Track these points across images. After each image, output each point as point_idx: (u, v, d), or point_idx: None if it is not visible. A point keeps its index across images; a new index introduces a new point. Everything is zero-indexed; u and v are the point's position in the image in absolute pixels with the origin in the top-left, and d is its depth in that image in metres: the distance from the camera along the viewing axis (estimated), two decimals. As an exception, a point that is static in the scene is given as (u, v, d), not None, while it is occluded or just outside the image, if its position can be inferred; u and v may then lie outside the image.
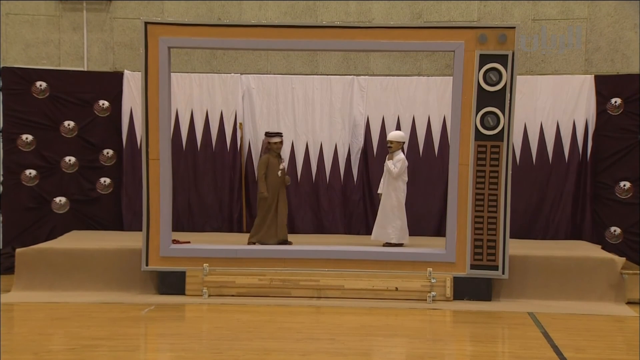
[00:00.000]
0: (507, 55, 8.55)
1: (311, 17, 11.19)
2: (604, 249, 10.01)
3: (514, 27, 8.59)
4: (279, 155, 9.71)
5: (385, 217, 9.53)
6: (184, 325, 7.85)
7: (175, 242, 9.21)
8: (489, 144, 8.62)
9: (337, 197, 11.13)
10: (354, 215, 11.13)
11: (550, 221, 10.79)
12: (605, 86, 10.59)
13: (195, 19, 11.05)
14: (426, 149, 10.97)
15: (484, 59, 8.57)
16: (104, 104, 11.03)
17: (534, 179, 10.77)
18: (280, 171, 9.59)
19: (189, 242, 9.51)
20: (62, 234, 10.44)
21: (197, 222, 11.10)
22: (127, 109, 10.94)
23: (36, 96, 10.85)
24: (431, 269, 8.68)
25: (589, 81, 10.66)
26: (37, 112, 10.84)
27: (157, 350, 7.06)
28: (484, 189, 8.65)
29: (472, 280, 8.71)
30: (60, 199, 10.93)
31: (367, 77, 11.09)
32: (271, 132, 9.82)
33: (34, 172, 10.85)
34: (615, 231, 10.65)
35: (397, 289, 8.67)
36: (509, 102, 8.58)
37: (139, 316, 7.93)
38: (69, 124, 10.95)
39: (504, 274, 8.69)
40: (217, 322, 7.89)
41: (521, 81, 9.89)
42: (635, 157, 10.53)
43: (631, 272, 8.88)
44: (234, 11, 11.23)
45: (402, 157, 9.56)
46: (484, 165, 8.64)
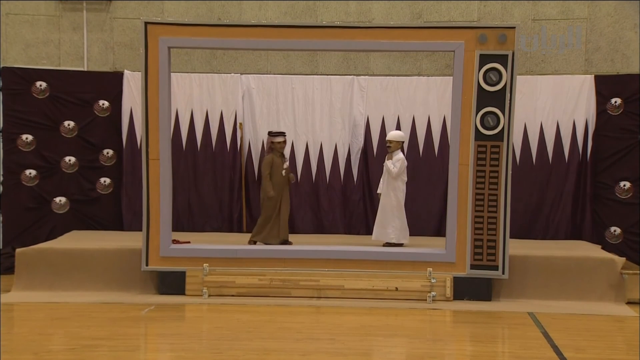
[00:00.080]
0: (507, 55, 8.54)
1: (311, 17, 11.19)
2: (604, 249, 10.01)
3: (514, 27, 8.59)
4: (282, 154, 9.71)
5: (384, 217, 9.52)
6: (184, 325, 7.85)
7: (175, 242, 9.21)
8: (489, 144, 8.62)
9: (337, 197, 11.13)
10: (354, 215, 11.13)
11: (550, 221, 10.79)
12: (605, 86, 10.59)
13: (195, 19, 11.05)
14: (426, 149, 10.97)
15: (484, 59, 8.57)
16: (104, 104, 11.03)
17: (534, 179, 10.77)
18: (284, 170, 9.59)
19: (189, 242, 9.51)
20: (62, 234, 10.43)
21: (197, 222, 11.10)
22: (127, 109, 10.94)
23: (36, 96, 10.85)
24: (431, 269, 8.68)
25: (589, 81, 10.65)
26: (37, 112, 10.84)
27: (157, 350, 7.06)
28: (484, 189, 8.65)
29: (472, 280, 8.71)
30: (60, 199, 10.93)
31: (367, 77, 11.09)
32: (274, 132, 9.79)
33: (34, 172, 10.85)
34: (615, 231, 10.65)
35: (397, 289, 8.67)
36: (509, 102, 8.58)
37: (139, 316, 7.93)
38: (69, 124, 10.95)
39: (504, 274, 8.69)
40: (217, 322, 7.88)
41: (521, 81, 9.89)
42: (635, 157, 10.52)
43: (631, 272, 8.88)
44: (234, 11, 11.22)
45: (401, 156, 9.56)
46: (484, 165, 8.64)
